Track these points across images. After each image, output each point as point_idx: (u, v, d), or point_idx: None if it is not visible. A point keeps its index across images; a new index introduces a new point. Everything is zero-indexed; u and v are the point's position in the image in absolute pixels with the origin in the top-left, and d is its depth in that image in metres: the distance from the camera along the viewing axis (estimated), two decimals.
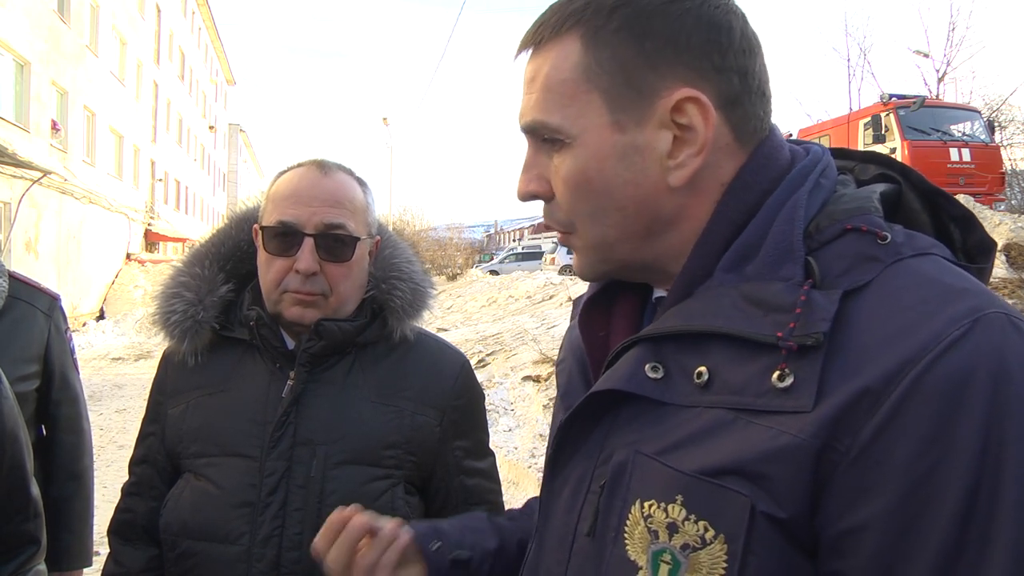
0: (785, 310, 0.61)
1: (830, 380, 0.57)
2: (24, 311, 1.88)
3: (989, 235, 0.71)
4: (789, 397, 0.59)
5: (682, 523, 0.61)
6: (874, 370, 0.56)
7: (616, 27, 0.69)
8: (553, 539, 0.75)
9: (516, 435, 6.15)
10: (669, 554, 0.61)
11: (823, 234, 0.66)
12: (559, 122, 0.71)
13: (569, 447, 0.75)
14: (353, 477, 1.27)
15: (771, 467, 0.58)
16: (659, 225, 0.72)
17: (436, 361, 1.41)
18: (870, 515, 0.55)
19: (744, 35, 0.70)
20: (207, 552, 1.25)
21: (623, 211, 0.71)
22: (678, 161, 0.69)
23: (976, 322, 0.56)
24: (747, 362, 0.62)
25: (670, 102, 0.68)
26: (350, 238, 1.30)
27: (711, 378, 0.64)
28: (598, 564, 0.67)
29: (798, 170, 0.71)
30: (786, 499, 0.57)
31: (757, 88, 0.71)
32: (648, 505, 0.63)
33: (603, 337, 0.81)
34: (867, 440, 0.55)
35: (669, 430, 0.65)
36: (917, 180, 0.73)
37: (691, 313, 0.67)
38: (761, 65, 0.72)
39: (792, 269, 0.64)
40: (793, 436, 0.57)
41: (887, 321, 0.58)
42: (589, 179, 0.71)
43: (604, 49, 0.69)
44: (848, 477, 0.56)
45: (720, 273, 0.68)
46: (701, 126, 0.68)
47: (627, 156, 0.70)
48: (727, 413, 0.62)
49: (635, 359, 0.69)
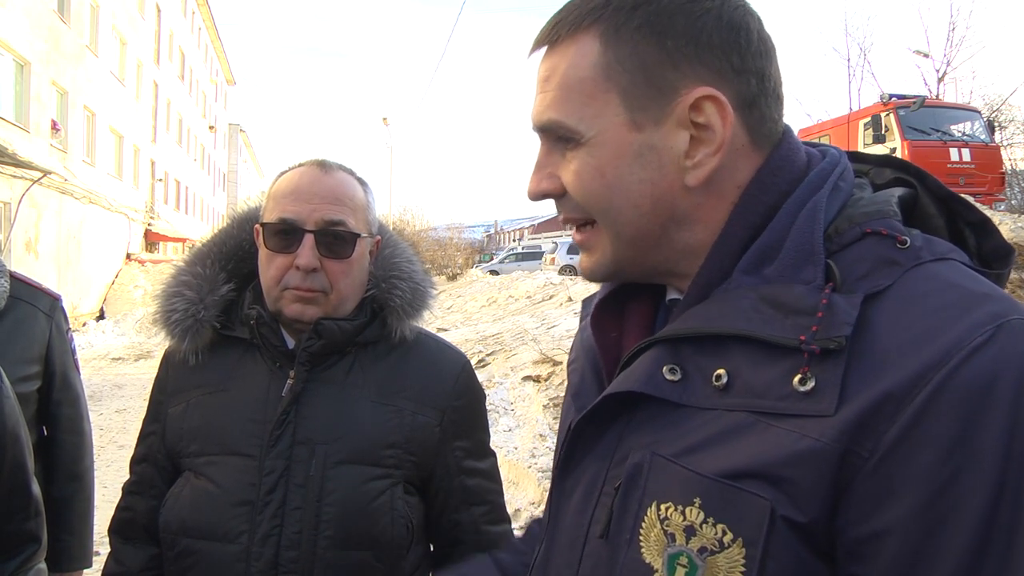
0: (807, 313, 0.61)
1: (852, 384, 0.57)
2: (25, 311, 1.88)
3: (1006, 241, 0.70)
4: (811, 401, 0.58)
5: (700, 526, 0.60)
6: (897, 375, 0.55)
7: (637, 24, 0.68)
8: (564, 540, 0.74)
9: (516, 435, 6.15)
10: (686, 557, 0.61)
11: (843, 237, 0.66)
12: (576, 120, 0.71)
13: (581, 448, 0.75)
14: (352, 476, 1.27)
15: (793, 470, 0.57)
16: (674, 225, 0.72)
17: (436, 361, 1.41)
18: (892, 520, 0.54)
19: (761, 37, 0.70)
20: (206, 551, 1.25)
21: (638, 209, 0.71)
22: (695, 161, 0.69)
23: (999, 328, 0.55)
24: (768, 365, 0.62)
25: (689, 100, 0.67)
26: (350, 235, 1.31)
27: (730, 381, 0.63)
28: (611, 567, 0.66)
29: (816, 173, 0.70)
30: (807, 503, 0.57)
31: (773, 90, 0.71)
32: (665, 507, 0.63)
33: (615, 338, 0.81)
34: (890, 445, 0.55)
35: (687, 432, 0.64)
36: (933, 185, 0.73)
37: (710, 315, 0.67)
38: (776, 68, 0.72)
39: (813, 272, 0.63)
40: (815, 440, 0.57)
41: (909, 325, 0.58)
42: (605, 177, 0.71)
43: (625, 47, 0.69)
44: (870, 482, 0.55)
45: (739, 275, 0.67)
46: (719, 126, 0.68)
47: (644, 155, 0.70)
48: (747, 416, 0.61)
49: (652, 360, 0.69)
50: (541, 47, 0.74)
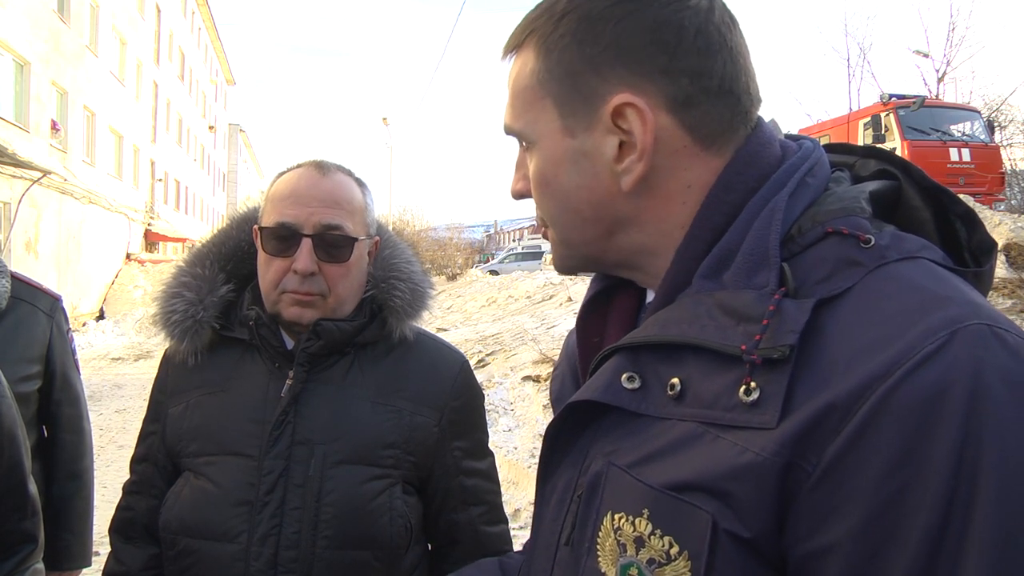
0: (755, 320, 0.58)
1: (797, 395, 0.55)
2: (26, 312, 1.88)
3: (990, 235, 0.68)
4: (755, 412, 0.56)
5: (648, 537, 0.59)
6: (841, 385, 0.53)
7: (561, 33, 0.69)
8: (541, 547, 0.75)
9: (516, 435, 6.15)
10: (636, 568, 0.60)
11: (804, 238, 0.63)
12: (522, 127, 0.74)
13: (557, 454, 0.75)
14: (351, 477, 1.27)
15: (734, 485, 0.56)
16: (619, 227, 0.72)
17: (435, 361, 1.42)
18: (836, 537, 0.52)
19: (701, 32, 0.67)
20: (205, 550, 1.25)
21: (580, 214, 0.72)
22: (623, 166, 0.68)
23: (954, 334, 0.52)
24: (718, 374, 0.60)
25: (610, 107, 0.67)
26: (348, 239, 1.31)
27: (683, 390, 0.62)
28: (575, 574, 0.66)
29: (783, 169, 0.68)
30: (750, 518, 0.55)
31: (718, 87, 0.67)
32: (618, 518, 0.62)
33: (597, 342, 0.80)
34: (833, 459, 0.52)
35: (642, 442, 0.63)
36: (919, 176, 0.71)
37: (667, 321, 0.65)
38: (726, 62, 0.67)
39: (766, 276, 0.61)
40: (756, 454, 0.55)
41: (861, 332, 0.55)
42: (548, 183, 0.73)
43: (552, 56, 0.70)
44: (814, 497, 0.53)
45: (699, 280, 0.66)
46: (639, 131, 0.67)
47: (578, 161, 0.70)
48: (697, 427, 0.60)
49: (613, 369, 0.68)
50: (505, 57, 0.78)
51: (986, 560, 0.48)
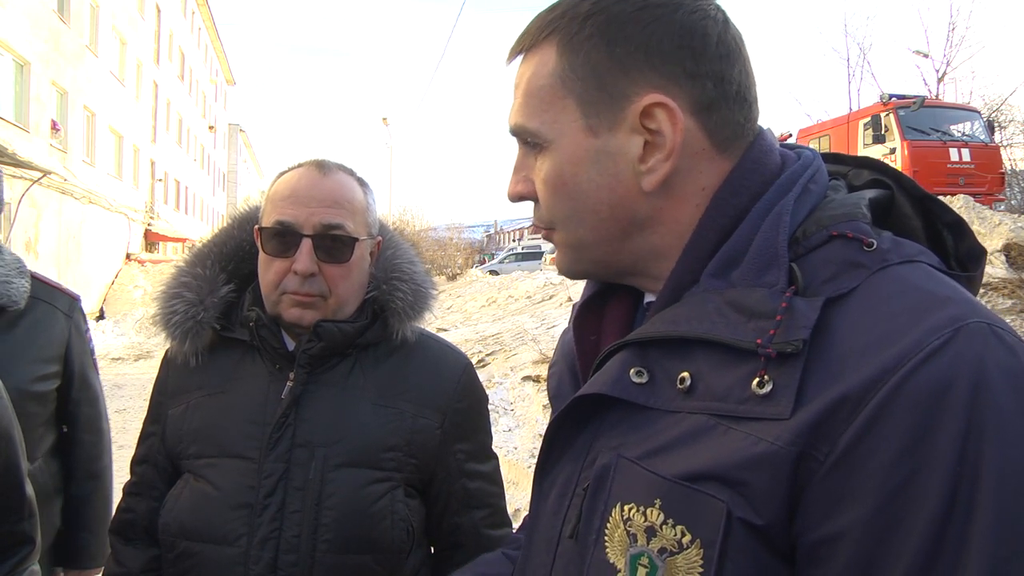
0: (767, 316, 0.62)
1: (809, 388, 0.58)
2: (45, 311, 1.88)
3: (979, 242, 0.71)
4: (768, 404, 0.59)
5: (660, 527, 0.61)
6: (853, 378, 0.56)
7: (588, 34, 0.70)
8: (540, 541, 0.76)
9: (516, 435, 6.15)
10: (647, 557, 0.62)
11: (809, 240, 0.66)
12: (537, 126, 0.74)
13: (557, 450, 0.76)
14: (352, 479, 1.26)
15: (749, 474, 0.58)
16: (635, 228, 0.73)
17: (438, 363, 1.41)
18: (846, 524, 0.55)
19: (722, 41, 0.70)
20: (205, 553, 1.24)
21: (598, 214, 0.73)
22: (648, 166, 0.70)
23: (957, 331, 0.56)
24: (729, 368, 0.63)
25: (639, 107, 0.69)
26: (348, 239, 1.30)
27: (694, 383, 0.64)
28: (580, 566, 0.68)
29: (787, 175, 0.71)
30: (763, 506, 0.58)
31: (735, 93, 0.71)
32: (628, 508, 0.64)
33: (594, 341, 0.82)
34: (844, 448, 0.55)
35: (652, 435, 0.65)
36: (910, 186, 0.74)
37: (676, 318, 0.67)
38: (742, 71, 0.72)
39: (776, 275, 0.64)
40: (771, 443, 0.58)
41: (869, 329, 0.58)
42: (565, 182, 0.73)
43: (577, 55, 0.71)
44: (825, 485, 0.56)
45: (707, 278, 0.68)
46: (669, 131, 0.69)
47: (600, 160, 0.71)
48: (708, 419, 0.62)
49: (620, 364, 0.70)
50: (514, 57, 0.78)
51: (989, 542, 0.51)
